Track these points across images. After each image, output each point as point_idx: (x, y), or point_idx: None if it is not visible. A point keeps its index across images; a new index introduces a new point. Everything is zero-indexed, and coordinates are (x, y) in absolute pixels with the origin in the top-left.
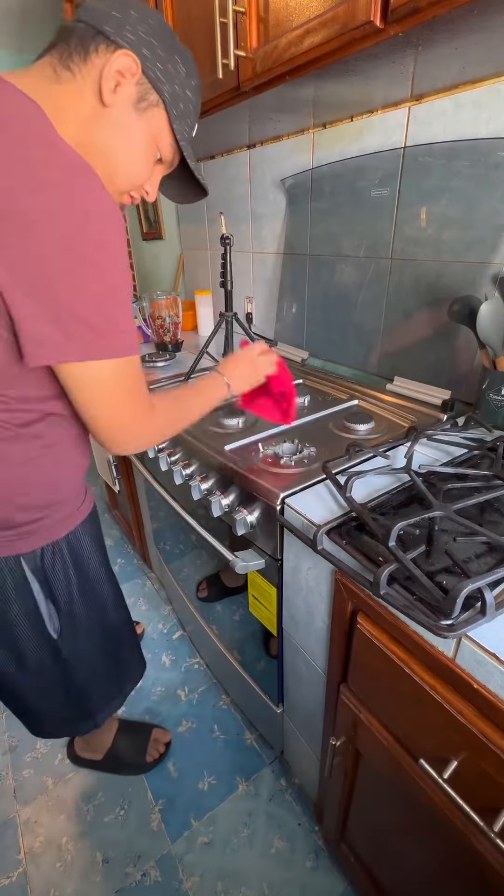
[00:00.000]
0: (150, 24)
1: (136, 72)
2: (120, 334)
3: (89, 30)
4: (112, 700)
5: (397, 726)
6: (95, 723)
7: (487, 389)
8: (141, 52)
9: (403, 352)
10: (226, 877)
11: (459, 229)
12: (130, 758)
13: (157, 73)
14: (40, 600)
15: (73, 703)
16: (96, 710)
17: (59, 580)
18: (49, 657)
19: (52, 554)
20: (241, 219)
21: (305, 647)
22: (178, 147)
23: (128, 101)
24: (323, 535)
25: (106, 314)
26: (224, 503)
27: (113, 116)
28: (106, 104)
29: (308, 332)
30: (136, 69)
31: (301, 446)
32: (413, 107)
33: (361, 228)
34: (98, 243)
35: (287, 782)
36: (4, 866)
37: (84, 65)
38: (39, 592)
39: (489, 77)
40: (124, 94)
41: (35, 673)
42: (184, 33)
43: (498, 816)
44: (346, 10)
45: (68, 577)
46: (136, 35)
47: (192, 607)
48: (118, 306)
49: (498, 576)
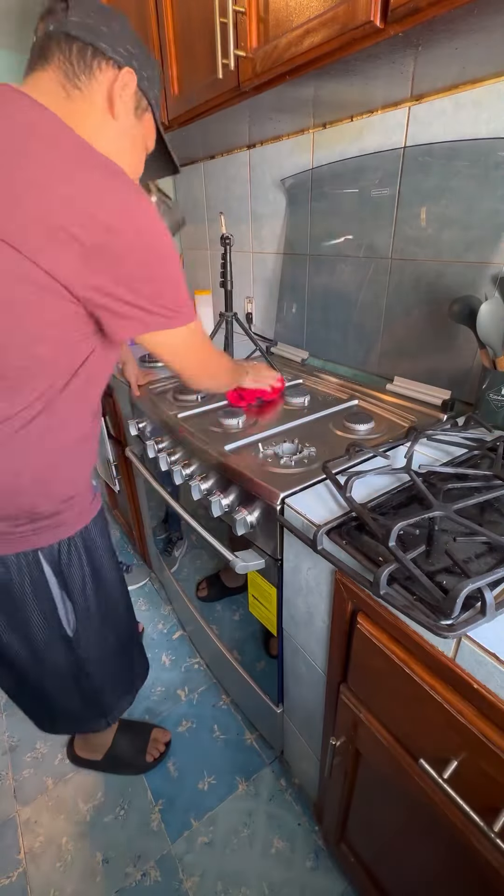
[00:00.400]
0: (129, 34)
1: (133, 86)
2: (184, 308)
3: (87, 47)
4: (124, 697)
5: (397, 726)
6: (108, 721)
7: (487, 389)
8: (132, 64)
9: (403, 352)
10: (226, 877)
11: (459, 229)
12: (130, 758)
13: (145, 81)
14: (56, 596)
15: (87, 700)
16: (109, 707)
17: (74, 575)
18: (64, 653)
19: (69, 549)
20: (241, 219)
21: (305, 647)
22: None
23: (129, 110)
24: (323, 535)
25: (173, 297)
26: (224, 503)
27: (120, 125)
28: (115, 116)
29: (308, 332)
30: (134, 83)
31: (301, 446)
32: (413, 107)
33: (361, 228)
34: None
35: (287, 782)
36: (4, 866)
37: (90, 82)
38: (56, 587)
39: (489, 77)
40: (128, 105)
41: (51, 668)
42: (184, 33)
43: (498, 816)
44: (346, 10)
45: (83, 573)
46: (126, 50)
47: (192, 607)
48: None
49: (498, 576)
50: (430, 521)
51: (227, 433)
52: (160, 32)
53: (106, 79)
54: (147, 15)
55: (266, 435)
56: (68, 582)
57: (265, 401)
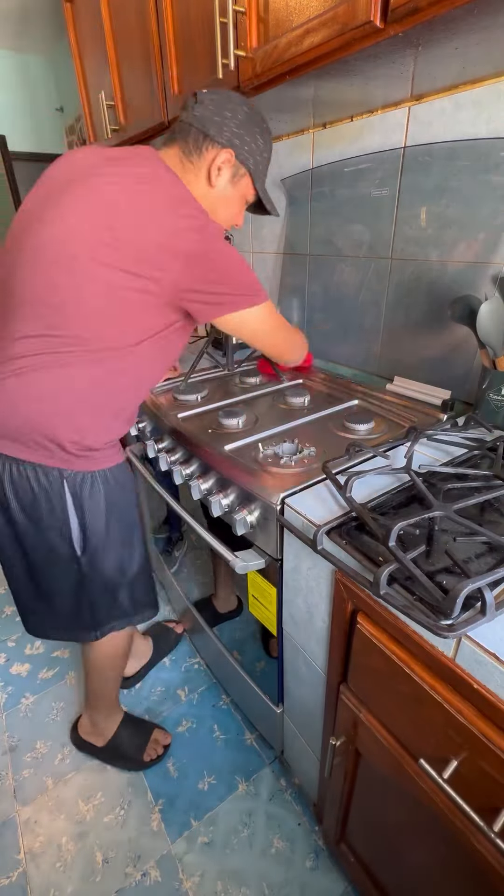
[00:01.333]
0: (239, 117)
1: (232, 161)
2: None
3: (199, 133)
4: (118, 618)
5: (397, 726)
6: (97, 634)
7: (487, 389)
8: (234, 143)
9: (403, 352)
10: (226, 877)
11: (459, 229)
12: (129, 753)
13: (244, 154)
14: (71, 515)
15: (80, 609)
16: (100, 622)
17: (89, 505)
18: (69, 564)
19: (91, 481)
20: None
21: (305, 647)
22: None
23: (227, 179)
24: (323, 535)
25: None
26: (224, 503)
27: (218, 191)
28: (213, 186)
29: (308, 332)
30: (232, 158)
31: (301, 446)
32: (413, 107)
33: (361, 228)
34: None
35: (287, 782)
36: (4, 866)
37: (199, 159)
38: (72, 508)
39: (489, 77)
40: (225, 175)
41: (54, 572)
42: (184, 33)
43: (498, 816)
44: (345, 9)
45: (98, 506)
46: (230, 132)
47: (192, 607)
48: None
49: (498, 576)
50: (430, 521)
51: (227, 433)
52: (160, 32)
53: (210, 157)
54: (147, 15)
55: (266, 435)
56: (84, 508)
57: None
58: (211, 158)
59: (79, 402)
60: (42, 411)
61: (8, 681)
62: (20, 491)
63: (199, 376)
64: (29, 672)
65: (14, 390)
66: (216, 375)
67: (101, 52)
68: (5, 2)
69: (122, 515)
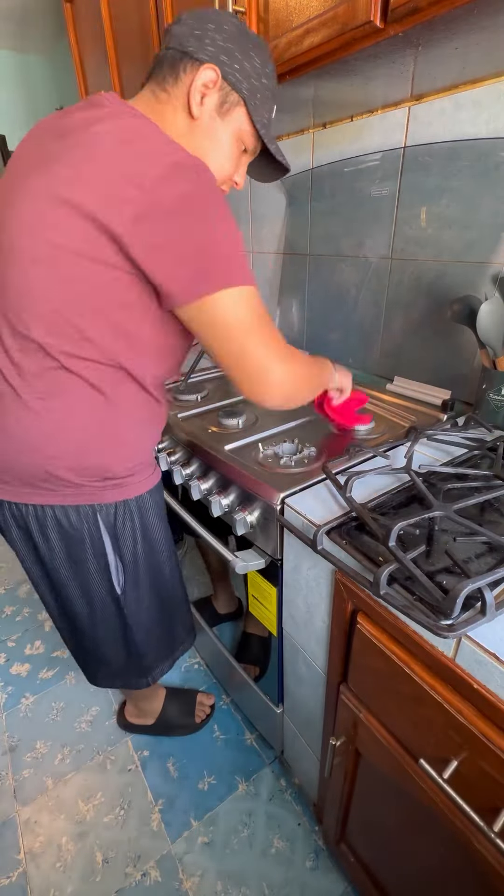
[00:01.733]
0: (226, 29)
1: (217, 80)
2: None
3: (176, 53)
4: (164, 660)
5: (397, 726)
6: (148, 681)
7: (487, 389)
8: (220, 59)
9: (403, 352)
10: (226, 877)
11: (459, 229)
12: (181, 720)
13: (235, 74)
14: (109, 552)
15: (131, 658)
16: (150, 668)
17: (125, 537)
18: (113, 609)
19: (124, 512)
20: (240, 218)
21: (305, 647)
22: (259, 135)
23: (212, 108)
24: (323, 535)
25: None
26: (224, 503)
27: (202, 126)
28: (194, 117)
29: (308, 332)
30: (217, 78)
31: (301, 446)
32: (413, 107)
33: (361, 228)
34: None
35: (287, 782)
36: (4, 866)
37: (176, 85)
38: (109, 545)
39: (489, 77)
40: (209, 104)
41: (101, 620)
42: None
43: (498, 816)
44: (345, 9)
45: (134, 537)
46: (214, 46)
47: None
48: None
49: (498, 576)
50: (430, 521)
51: (227, 433)
52: (160, 32)
53: (188, 80)
54: (147, 15)
55: (266, 435)
56: (120, 542)
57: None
58: (189, 81)
59: None
60: None
61: (8, 681)
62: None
63: (199, 376)
64: (29, 672)
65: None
66: (216, 375)
67: (101, 52)
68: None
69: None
